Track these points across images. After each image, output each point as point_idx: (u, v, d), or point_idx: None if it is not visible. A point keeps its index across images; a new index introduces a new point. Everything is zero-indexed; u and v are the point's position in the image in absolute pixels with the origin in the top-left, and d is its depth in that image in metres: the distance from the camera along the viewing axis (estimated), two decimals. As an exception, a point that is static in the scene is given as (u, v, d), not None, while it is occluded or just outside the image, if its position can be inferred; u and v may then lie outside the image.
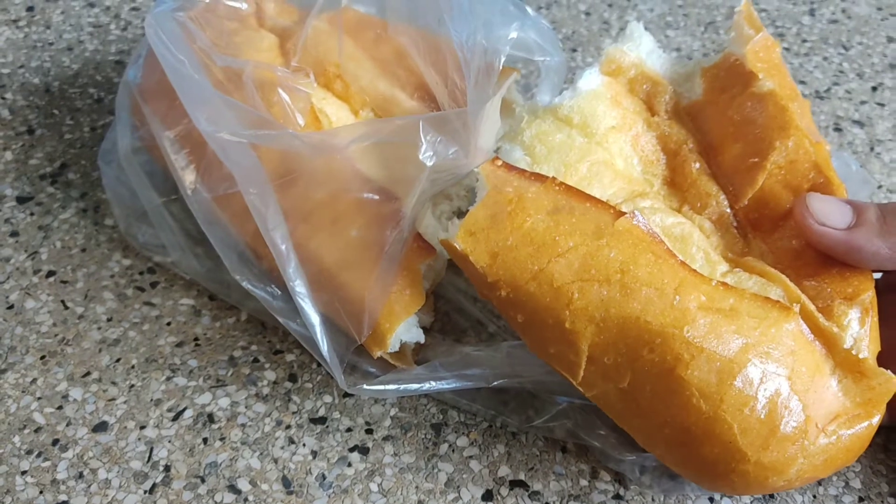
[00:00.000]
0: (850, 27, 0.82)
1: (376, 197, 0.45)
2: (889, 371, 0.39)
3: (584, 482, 0.47)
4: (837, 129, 0.69)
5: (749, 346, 0.37)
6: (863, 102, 0.72)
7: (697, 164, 0.46)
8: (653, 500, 0.46)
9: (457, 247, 0.40)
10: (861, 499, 0.46)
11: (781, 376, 0.37)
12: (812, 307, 0.40)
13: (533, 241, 0.39)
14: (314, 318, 0.45)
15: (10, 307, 0.55)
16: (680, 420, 0.38)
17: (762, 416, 0.37)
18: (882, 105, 0.72)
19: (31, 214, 0.61)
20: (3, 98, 0.72)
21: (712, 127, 0.46)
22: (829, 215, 0.41)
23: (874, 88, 0.74)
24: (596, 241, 0.39)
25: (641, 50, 0.49)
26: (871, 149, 0.67)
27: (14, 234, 0.60)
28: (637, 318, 0.38)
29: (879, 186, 0.64)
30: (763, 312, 0.38)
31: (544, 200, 0.40)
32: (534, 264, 0.39)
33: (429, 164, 0.42)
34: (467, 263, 0.41)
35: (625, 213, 0.39)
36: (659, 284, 0.38)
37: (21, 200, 0.63)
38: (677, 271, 0.39)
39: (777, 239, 0.43)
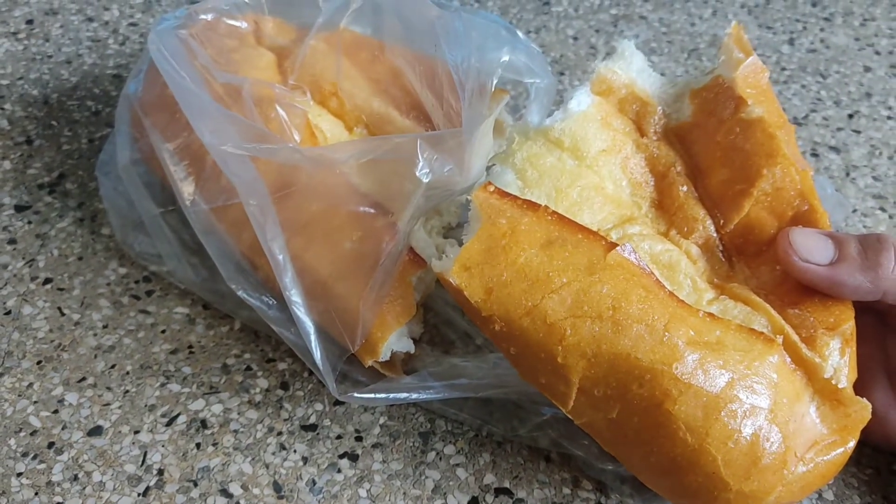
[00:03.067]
0: (828, 56, 0.85)
1: (371, 211, 0.47)
2: (864, 399, 0.41)
3: (566, 490, 0.48)
4: (814, 155, 0.72)
5: (734, 381, 0.38)
6: (839, 129, 0.75)
7: (685, 188, 0.47)
8: (633, 508, 0.47)
9: (452, 281, 0.40)
10: (833, 510, 0.48)
11: (764, 409, 0.38)
12: (795, 337, 0.41)
13: (527, 276, 0.40)
14: (309, 327, 0.46)
15: (8, 313, 0.56)
16: (666, 451, 0.39)
17: (745, 449, 0.38)
18: (858, 132, 0.74)
19: (29, 223, 0.63)
20: (2, 109, 0.73)
21: (700, 150, 0.47)
22: (811, 251, 0.42)
23: (850, 116, 0.76)
24: (589, 277, 0.39)
25: (632, 69, 0.49)
26: (847, 174, 0.70)
27: (12, 241, 0.61)
28: (628, 355, 0.39)
29: (854, 210, 0.66)
30: (748, 345, 0.39)
31: (537, 232, 0.40)
32: (528, 300, 0.39)
33: (425, 180, 0.43)
34: (461, 297, 0.41)
35: (616, 245, 0.40)
36: (649, 321, 0.39)
37: (19, 209, 0.64)
38: (667, 305, 0.39)
39: (760, 264, 0.45)
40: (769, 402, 0.39)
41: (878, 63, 0.83)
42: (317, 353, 0.47)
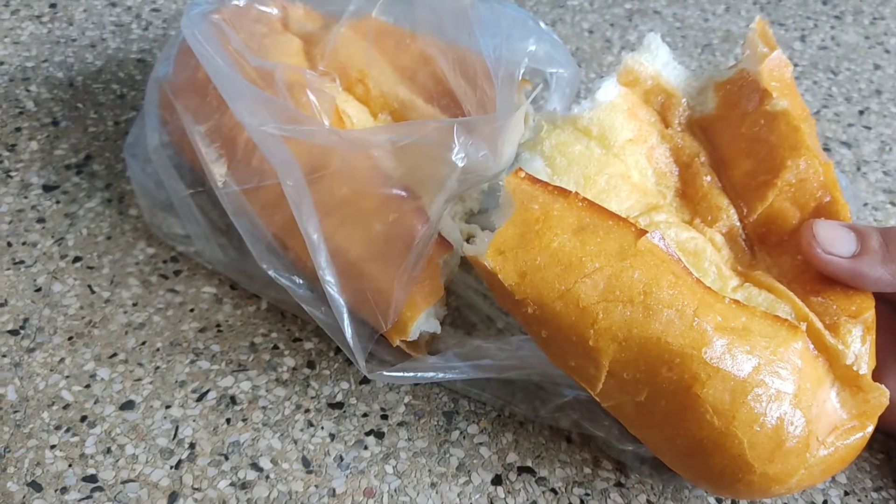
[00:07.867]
0: (839, 54, 0.86)
1: (403, 194, 0.48)
2: (883, 386, 0.42)
3: (587, 470, 0.49)
4: (826, 150, 0.73)
5: (760, 366, 0.39)
6: (850, 125, 0.76)
7: (709, 178, 0.48)
8: (652, 488, 0.49)
9: (486, 265, 0.41)
10: (846, 493, 0.49)
11: (789, 394, 0.39)
12: (819, 325, 0.42)
13: (560, 261, 0.40)
14: (341, 306, 0.47)
15: (38, 290, 0.57)
16: (692, 433, 0.40)
17: (770, 432, 0.39)
18: (868, 128, 0.76)
19: (58, 202, 0.64)
20: (28, 90, 0.74)
21: (723, 141, 0.48)
22: (834, 243, 0.43)
23: (861, 112, 0.78)
24: (620, 262, 0.40)
25: (658, 61, 0.50)
26: (858, 169, 0.71)
27: (41, 220, 0.62)
28: (658, 339, 0.39)
29: (865, 204, 0.67)
30: (773, 331, 0.40)
31: (569, 218, 0.41)
32: (561, 284, 0.40)
33: (460, 164, 0.44)
34: (495, 280, 0.41)
35: (646, 232, 0.41)
36: (679, 306, 0.39)
37: (47, 189, 0.65)
38: (695, 291, 0.40)
39: (782, 253, 0.46)
40: (794, 387, 0.40)
41: (887, 61, 0.85)
42: (348, 332, 0.48)
